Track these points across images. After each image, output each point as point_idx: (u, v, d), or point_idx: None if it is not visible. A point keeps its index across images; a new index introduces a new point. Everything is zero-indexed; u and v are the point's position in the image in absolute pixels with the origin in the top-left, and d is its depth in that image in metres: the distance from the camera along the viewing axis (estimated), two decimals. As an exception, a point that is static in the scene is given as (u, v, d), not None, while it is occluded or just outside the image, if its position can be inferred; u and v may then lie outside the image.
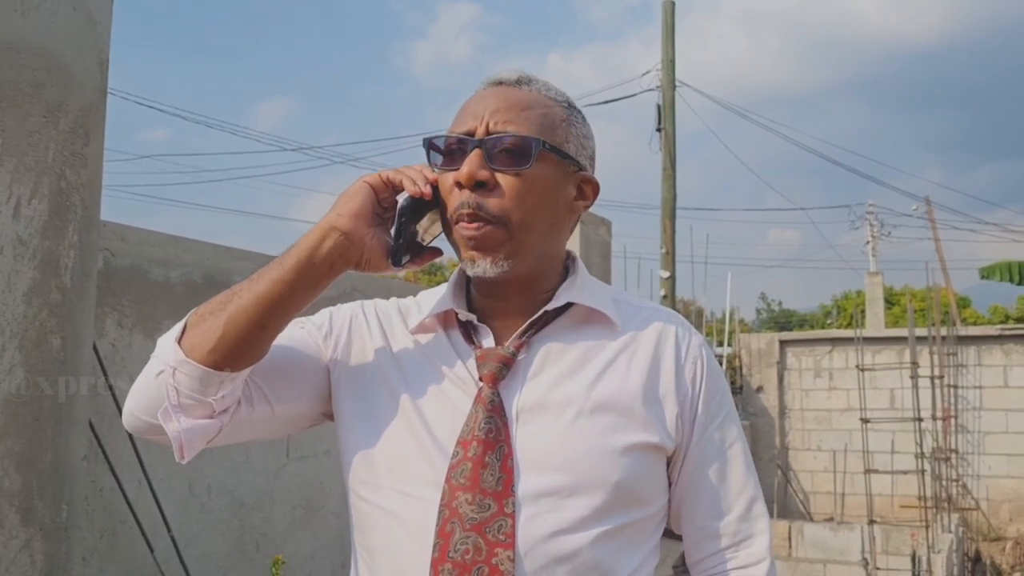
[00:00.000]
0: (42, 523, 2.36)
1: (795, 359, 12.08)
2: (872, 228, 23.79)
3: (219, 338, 1.04)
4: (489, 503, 1.00)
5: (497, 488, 1.00)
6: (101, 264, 3.34)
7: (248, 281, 1.07)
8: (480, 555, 0.98)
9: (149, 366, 1.09)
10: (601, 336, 1.11)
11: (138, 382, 1.10)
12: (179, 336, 1.06)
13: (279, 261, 1.06)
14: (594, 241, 7.43)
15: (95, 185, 2.58)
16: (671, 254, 11.96)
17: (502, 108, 1.07)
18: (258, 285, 1.05)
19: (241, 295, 1.05)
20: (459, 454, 1.03)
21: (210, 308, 1.07)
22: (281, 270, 1.05)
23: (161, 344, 1.09)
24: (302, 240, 1.06)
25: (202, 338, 1.05)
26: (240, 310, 1.04)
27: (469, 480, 1.01)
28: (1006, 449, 10.76)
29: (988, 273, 12.30)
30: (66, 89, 2.48)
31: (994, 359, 10.96)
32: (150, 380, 1.08)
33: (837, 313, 29.96)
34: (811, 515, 11.30)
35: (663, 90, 12.40)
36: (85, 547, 3.22)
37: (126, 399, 1.13)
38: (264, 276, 1.06)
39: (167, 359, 1.06)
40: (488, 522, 0.99)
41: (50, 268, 2.40)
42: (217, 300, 1.07)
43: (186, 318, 1.09)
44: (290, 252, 1.06)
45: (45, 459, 2.37)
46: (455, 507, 1.00)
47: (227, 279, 4.04)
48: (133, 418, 1.11)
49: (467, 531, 0.99)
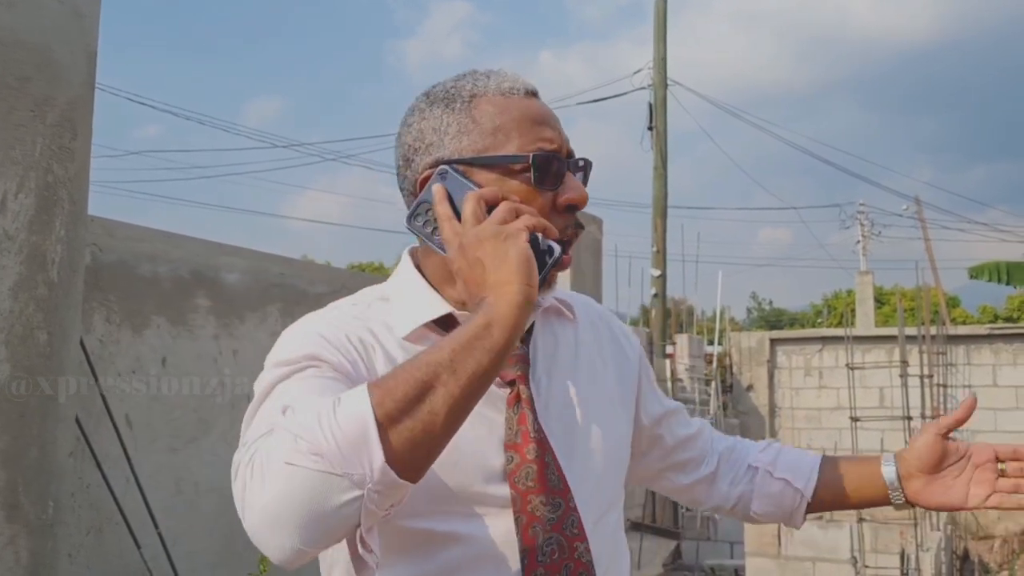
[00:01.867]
0: (27, 520, 2.35)
1: (785, 358, 12.11)
2: (863, 227, 23.87)
3: (434, 448, 0.83)
4: (559, 501, 1.00)
5: (559, 486, 1.01)
6: (88, 259, 3.31)
7: (434, 369, 0.82)
8: (564, 553, 0.99)
9: (315, 485, 0.78)
10: (567, 327, 1.16)
11: (296, 506, 0.78)
12: (385, 453, 0.79)
13: (479, 346, 0.84)
14: (585, 239, 7.43)
15: (82, 179, 2.57)
16: (662, 252, 11.98)
17: (561, 127, 1.07)
18: (462, 378, 0.83)
19: (445, 389, 0.82)
20: (515, 458, 1.01)
21: (398, 405, 0.80)
22: (490, 357, 0.84)
23: (340, 455, 0.78)
24: (501, 319, 0.86)
25: (415, 452, 0.81)
26: (453, 410, 0.82)
27: (536, 482, 1.00)
28: (994, 448, 10.80)
29: (977, 273, 12.35)
30: (53, 83, 2.46)
31: (983, 358, 11.02)
32: (330, 507, 0.78)
33: (827, 312, 30.09)
34: (800, 513, 11.33)
35: (655, 88, 12.42)
36: (71, 544, 3.20)
37: (266, 526, 0.81)
38: (466, 366, 0.83)
39: (370, 483, 0.78)
40: (563, 519, 1.00)
41: (37, 263, 2.38)
42: (401, 394, 0.81)
43: (370, 418, 0.79)
44: (492, 335, 0.85)
45: (31, 455, 2.36)
46: (531, 511, 0.99)
47: (216, 275, 4.02)
48: (301, 555, 0.82)
49: (549, 532, 0.99)
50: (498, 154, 1.02)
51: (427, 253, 1.08)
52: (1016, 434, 10.73)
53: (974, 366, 11.05)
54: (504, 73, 1.08)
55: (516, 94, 1.05)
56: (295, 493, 0.78)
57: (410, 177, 1.06)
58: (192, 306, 3.89)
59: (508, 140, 1.02)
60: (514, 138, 1.02)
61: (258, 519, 0.80)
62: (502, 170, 1.02)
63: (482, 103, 1.04)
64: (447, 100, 1.05)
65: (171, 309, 3.77)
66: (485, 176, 1.01)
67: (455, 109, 1.04)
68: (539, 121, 1.04)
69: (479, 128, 1.03)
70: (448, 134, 1.04)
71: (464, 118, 1.04)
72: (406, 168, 1.07)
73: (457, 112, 1.04)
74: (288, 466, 0.78)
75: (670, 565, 8.60)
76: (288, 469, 0.78)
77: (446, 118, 1.04)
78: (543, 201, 1.02)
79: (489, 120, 1.03)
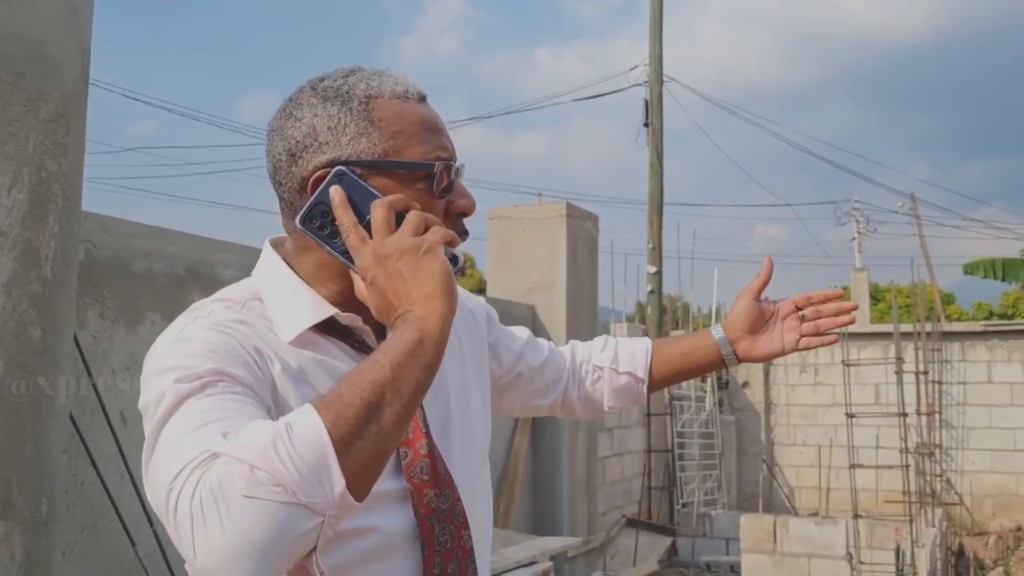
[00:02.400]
0: (21, 517, 2.33)
1: (781, 354, 12.11)
2: (858, 224, 23.88)
3: (381, 468, 0.84)
4: (448, 493, 1.05)
5: (446, 478, 1.06)
6: (83, 255, 3.30)
7: (378, 388, 0.83)
8: (455, 542, 1.05)
9: (278, 517, 0.76)
10: None
11: (259, 540, 0.76)
12: (345, 479, 0.79)
13: (415, 363, 0.86)
14: (581, 236, 7.43)
15: (76, 175, 2.55)
16: (658, 249, 11.98)
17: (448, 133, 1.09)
18: (405, 396, 0.84)
19: (391, 409, 0.83)
20: (409, 454, 1.04)
21: (350, 429, 0.80)
22: (426, 374, 0.87)
23: (302, 484, 0.76)
24: (433, 334, 0.88)
25: (368, 473, 0.82)
26: (397, 429, 0.84)
27: (430, 475, 1.04)
28: (990, 444, 10.84)
29: (972, 269, 12.39)
30: (47, 78, 2.44)
31: (978, 355, 11.04)
32: (292, 537, 0.77)
33: (823, 309, 30.06)
34: (796, 510, 11.35)
35: (651, 85, 12.41)
36: (66, 542, 3.19)
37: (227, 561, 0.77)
38: (407, 383, 0.84)
39: (331, 509, 0.79)
40: (452, 510, 1.05)
41: (30, 259, 2.37)
42: (352, 416, 0.81)
43: (328, 444, 0.79)
44: (426, 351, 0.87)
45: (25, 452, 2.34)
46: (427, 503, 1.03)
47: (211, 271, 4.01)
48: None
49: (443, 523, 1.04)
50: (400, 159, 1.01)
51: (302, 249, 1.05)
52: (1012, 430, 10.76)
53: (969, 363, 11.07)
54: (394, 75, 1.06)
55: (411, 99, 1.05)
56: (258, 527, 0.75)
57: (296, 174, 1.02)
58: (187, 302, 3.85)
59: (408, 146, 1.02)
60: (414, 144, 1.02)
61: (217, 557, 0.76)
62: (401, 177, 1.01)
63: (380, 105, 1.02)
64: (342, 98, 1.02)
65: (166, 305, 3.76)
66: (383, 181, 1.00)
67: (352, 109, 1.02)
68: (435, 129, 1.05)
69: (379, 131, 1.01)
70: (345, 134, 1.01)
71: (362, 119, 1.01)
72: (291, 164, 1.02)
73: (355, 112, 1.01)
74: (248, 500, 0.75)
75: (666, 562, 8.61)
76: (249, 504, 0.75)
77: (343, 117, 1.01)
78: (438, 209, 1.04)
79: (388, 124, 1.02)
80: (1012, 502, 10.67)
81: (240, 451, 0.77)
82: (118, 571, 3.40)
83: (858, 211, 23.75)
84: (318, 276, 1.04)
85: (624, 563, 7.85)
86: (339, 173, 0.98)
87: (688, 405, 10.45)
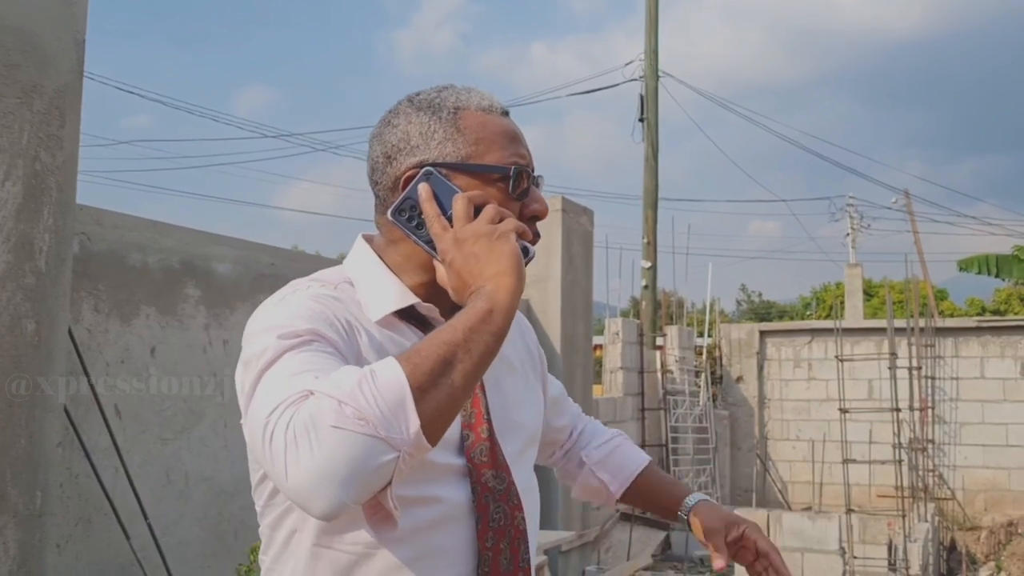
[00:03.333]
0: (16, 510, 2.33)
1: (775, 349, 12.15)
2: (852, 220, 23.93)
3: (452, 418, 0.94)
4: (503, 476, 1.15)
5: (503, 462, 1.16)
6: (77, 248, 3.29)
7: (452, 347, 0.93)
8: (508, 520, 1.14)
9: (361, 446, 0.86)
10: None
11: (345, 465, 0.86)
12: (420, 420, 0.89)
13: (485, 329, 0.95)
14: (576, 231, 7.43)
15: (71, 167, 2.55)
16: (653, 244, 11.99)
17: (528, 146, 1.20)
18: (475, 356, 0.94)
19: (462, 366, 0.93)
20: (471, 436, 1.14)
21: (427, 378, 0.90)
22: (494, 339, 0.96)
23: (383, 420, 0.87)
24: (502, 307, 0.97)
25: (440, 420, 0.92)
26: (467, 384, 0.93)
27: (488, 457, 1.14)
28: (982, 440, 10.89)
29: (966, 266, 12.42)
30: (41, 70, 2.44)
31: (971, 351, 11.08)
32: (372, 466, 0.87)
33: (816, 304, 30.17)
34: (789, 504, 11.39)
35: (646, 80, 12.40)
36: (60, 535, 3.19)
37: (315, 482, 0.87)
38: (476, 346, 0.94)
39: (406, 446, 0.88)
40: (507, 491, 1.15)
41: (24, 251, 2.37)
42: (428, 367, 0.91)
43: (407, 388, 0.89)
44: (495, 320, 0.96)
45: (19, 445, 2.34)
46: (484, 482, 1.13)
47: (205, 265, 4.00)
48: (346, 508, 0.89)
49: (497, 502, 1.13)
50: (481, 163, 1.14)
51: (391, 242, 1.18)
52: (1004, 426, 10.81)
53: (962, 358, 11.11)
54: (481, 92, 1.20)
55: (495, 112, 1.18)
56: (343, 454, 0.86)
57: (390, 173, 1.15)
58: (182, 296, 3.87)
59: (488, 152, 1.15)
60: (494, 151, 1.15)
61: (305, 478, 0.86)
62: (482, 178, 1.14)
63: (466, 116, 1.16)
64: (433, 108, 1.16)
65: (161, 299, 3.75)
66: (466, 181, 1.13)
67: (441, 118, 1.15)
68: (514, 139, 1.18)
69: (463, 138, 1.14)
70: (434, 139, 1.14)
71: (450, 127, 1.14)
72: (387, 165, 1.16)
73: (443, 121, 1.15)
74: (336, 430, 0.86)
75: (659, 556, 8.63)
76: (336, 432, 0.86)
77: (433, 124, 1.15)
78: (513, 209, 1.14)
79: (472, 132, 1.15)
80: (1004, 497, 10.72)
81: (330, 389, 0.88)
82: (112, 564, 3.40)
83: (852, 207, 23.81)
84: (404, 267, 1.16)
85: (618, 557, 7.87)
86: (427, 172, 1.12)
87: (682, 400, 10.47)
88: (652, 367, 10.22)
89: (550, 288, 7.08)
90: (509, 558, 1.13)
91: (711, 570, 7.94)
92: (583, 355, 7.43)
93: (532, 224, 1.18)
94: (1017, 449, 10.74)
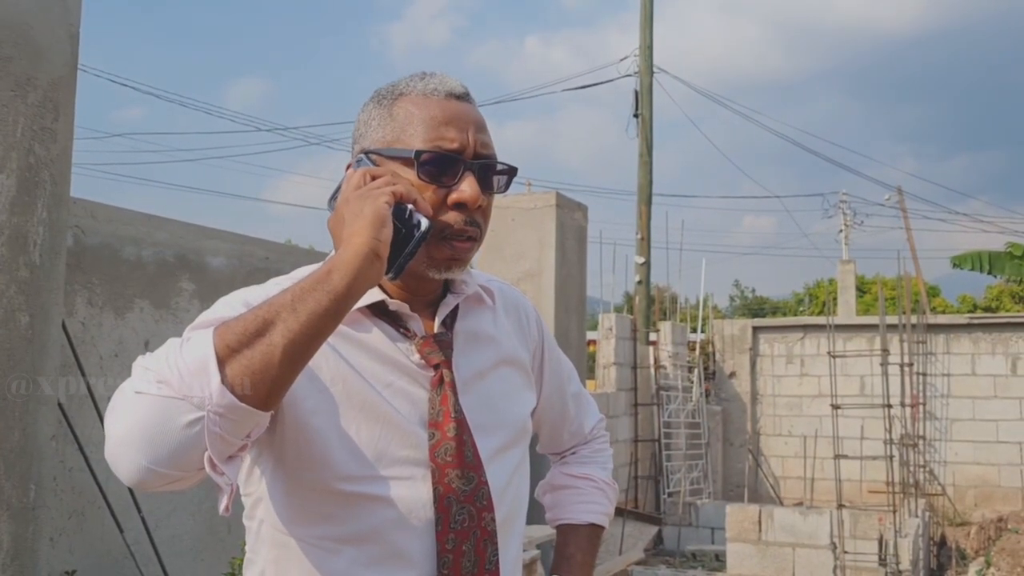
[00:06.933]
0: (9, 504, 2.33)
1: (767, 345, 12.18)
2: (845, 217, 23.97)
3: (274, 377, 0.91)
4: (472, 476, 1.12)
5: (474, 461, 1.13)
6: (71, 241, 3.29)
7: (276, 308, 0.93)
8: (474, 522, 1.12)
9: (159, 408, 0.89)
10: (485, 313, 1.27)
11: (142, 428, 0.89)
12: (222, 377, 0.89)
13: (319, 288, 0.94)
14: (570, 226, 7.43)
15: (65, 160, 2.54)
16: (646, 240, 12.00)
17: (479, 128, 1.16)
18: (301, 316, 0.93)
19: (284, 325, 0.92)
20: (436, 435, 1.12)
21: (238, 339, 0.91)
22: (329, 298, 0.94)
23: (182, 381, 0.89)
24: (342, 266, 0.96)
25: (254, 378, 0.90)
26: (290, 344, 0.91)
27: (454, 458, 1.11)
28: (972, 436, 10.94)
29: (960, 262, 12.47)
30: (35, 63, 2.43)
31: (962, 347, 11.13)
32: (174, 427, 0.88)
33: (809, 300, 30.26)
34: (781, 500, 11.44)
35: (640, 76, 12.40)
36: (53, 528, 3.19)
37: (117, 447, 0.91)
38: (305, 305, 0.93)
39: (210, 404, 0.88)
40: (475, 492, 1.12)
41: (18, 244, 2.36)
42: (240, 328, 0.92)
43: (210, 349, 0.90)
44: (332, 279, 0.95)
45: (12, 439, 2.34)
46: (447, 483, 1.10)
47: (200, 258, 4.00)
48: (149, 472, 0.90)
49: (462, 503, 1.11)
50: (397, 147, 1.13)
51: None
52: (994, 422, 10.86)
53: (953, 355, 11.16)
54: (442, 77, 1.18)
55: (436, 95, 1.15)
56: (142, 415, 0.89)
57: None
58: (176, 289, 3.87)
59: (410, 136, 1.13)
60: (417, 135, 1.12)
61: (111, 445, 0.91)
62: (403, 162, 1.12)
63: (403, 101, 1.15)
64: (380, 97, 1.17)
65: (154, 292, 3.75)
66: (393, 166, 1.12)
67: (382, 105, 1.16)
68: (445, 121, 1.13)
69: (393, 123, 1.14)
70: (371, 127, 1.16)
71: (385, 113, 1.15)
72: (351, 155, 1.19)
73: (382, 108, 1.16)
74: (138, 395, 0.90)
75: (651, 550, 8.66)
76: (137, 397, 0.90)
77: (374, 112, 1.17)
78: (435, 195, 1.11)
79: (402, 117, 1.14)
80: (994, 493, 10.78)
81: (146, 360, 0.93)
82: (106, 557, 3.40)
83: (845, 203, 23.85)
84: None
85: (611, 552, 7.90)
86: (359, 159, 1.14)
87: (675, 395, 10.49)
88: (645, 363, 10.23)
89: (544, 283, 7.09)
90: (474, 560, 1.11)
91: (703, 565, 7.97)
92: (577, 350, 7.44)
93: (458, 213, 1.12)
94: (1007, 445, 10.80)
